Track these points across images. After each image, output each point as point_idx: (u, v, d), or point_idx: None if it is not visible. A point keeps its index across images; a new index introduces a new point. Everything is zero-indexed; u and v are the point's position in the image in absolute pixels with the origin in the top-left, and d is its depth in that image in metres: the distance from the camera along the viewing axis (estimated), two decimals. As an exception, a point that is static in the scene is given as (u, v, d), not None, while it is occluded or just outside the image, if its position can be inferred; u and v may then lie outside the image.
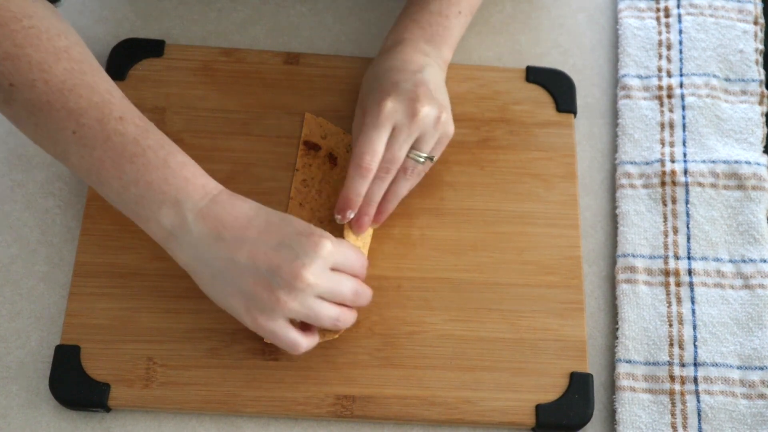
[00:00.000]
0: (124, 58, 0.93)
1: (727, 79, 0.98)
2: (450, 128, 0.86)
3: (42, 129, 0.75)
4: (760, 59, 0.99)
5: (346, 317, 0.79)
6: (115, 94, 0.77)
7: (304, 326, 0.79)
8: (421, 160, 0.84)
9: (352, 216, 0.84)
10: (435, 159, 0.86)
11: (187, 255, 0.76)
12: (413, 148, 0.84)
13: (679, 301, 0.88)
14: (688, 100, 0.96)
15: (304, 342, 0.77)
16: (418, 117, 0.82)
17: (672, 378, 0.85)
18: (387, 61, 0.86)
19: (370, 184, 0.83)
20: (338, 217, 0.84)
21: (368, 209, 0.85)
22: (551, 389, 0.83)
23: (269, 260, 0.74)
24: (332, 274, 0.76)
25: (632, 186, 0.93)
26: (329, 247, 0.75)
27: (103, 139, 0.74)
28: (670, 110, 0.96)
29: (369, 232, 0.87)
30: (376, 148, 0.82)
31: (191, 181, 0.75)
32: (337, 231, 0.86)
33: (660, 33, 1.00)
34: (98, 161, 0.75)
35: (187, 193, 0.75)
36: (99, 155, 0.74)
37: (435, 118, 0.83)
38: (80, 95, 0.74)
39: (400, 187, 0.86)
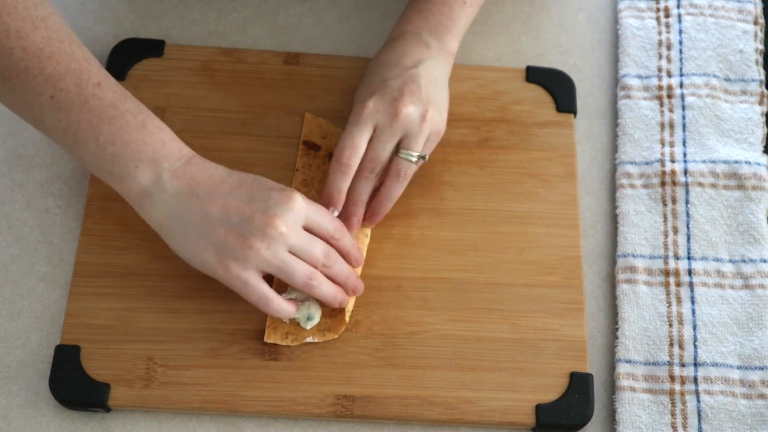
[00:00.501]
0: (124, 58, 0.93)
1: (727, 79, 0.98)
2: (438, 124, 0.85)
3: (18, 95, 0.76)
4: (760, 59, 0.99)
5: (321, 281, 0.79)
6: (93, 62, 0.78)
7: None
8: (414, 159, 0.84)
9: (335, 213, 0.83)
10: (427, 158, 0.85)
11: (160, 213, 0.78)
12: (403, 147, 0.84)
13: (679, 301, 0.88)
14: (688, 100, 0.96)
15: (276, 299, 0.78)
16: (400, 116, 0.82)
17: (672, 378, 0.85)
18: (385, 55, 0.86)
19: (355, 183, 0.83)
20: None
21: (355, 209, 0.84)
22: (551, 389, 0.83)
23: (241, 211, 0.76)
24: (304, 232, 0.78)
25: (632, 186, 0.93)
26: (300, 202, 0.78)
27: (81, 103, 0.76)
28: (670, 110, 0.96)
29: (366, 233, 0.87)
30: (355, 144, 0.82)
31: (167, 143, 0.78)
32: (337, 231, 0.86)
33: (660, 33, 1.00)
34: (75, 124, 0.76)
35: (164, 154, 0.77)
36: (76, 118, 0.76)
37: (419, 116, 0.83)
38: (58, 62, 0.75)
39: (393, 189, 0.85)
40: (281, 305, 0.79)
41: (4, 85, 0.76)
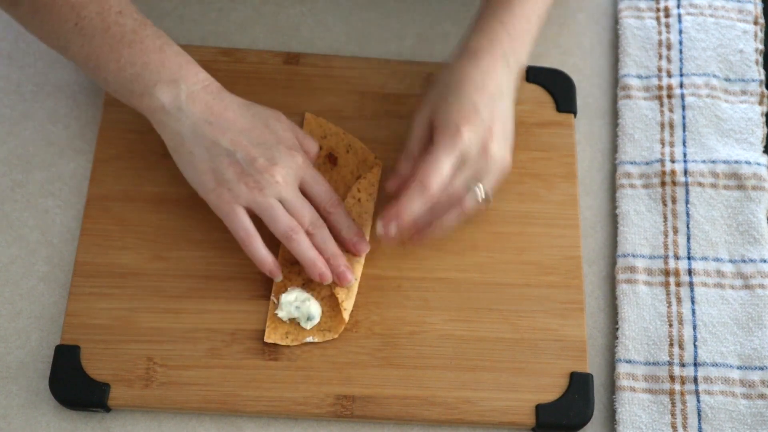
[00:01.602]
0: (124, 58, 0.93)
1: (727, 79, 0.98)
2: (508, 168, 0.84)
3: (46, 25, 0.82)
4: (760, 59, 0.99)
5: (302, 240, 0.81)
6: None
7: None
8: (482, 195, 0.82)
9: (393, 231, 0.80)
10: (492, 201, 0.83)
11: (173, 130, 0.82)
12: (478, 182, 0.82)
13: (679, 301, 0.88)
14: (688, 100, 0.96)
15: (257, 240, 0.81)
16: (488, 157, 0.81)
17: (672, 378, 0.85)
18: (471, 69, 0.83)
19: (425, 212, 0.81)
20: (380, 223, 0.80)
21: (435, 232, 0.83)
22: (551, 389, 0.83)
23: (247, 151, 0.81)
24: (299, 192, 0.82)
25: (632, 186, 0.93)
26: (301, 163, 0.82)
27: (103, 29, 0.80)
28: (670, 110, 0.96)
29: (353, 292, 0.85)
30: (444, 172, 0.79)
31: (184, 66, 0.82)
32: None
33: (660, 33, 1.00)
34: (97, 48, 0.81)
35: (181, 75, 0.81)
36: (98, 42, 0.81)
37: (501, 158, 0.82)
38: None
39: (450, 220, 0.83)
40: (260, 249, 0.82)
41: (33, 16, 0.82)
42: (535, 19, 0.87)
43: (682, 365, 0.85)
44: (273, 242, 0.82)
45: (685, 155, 0.94)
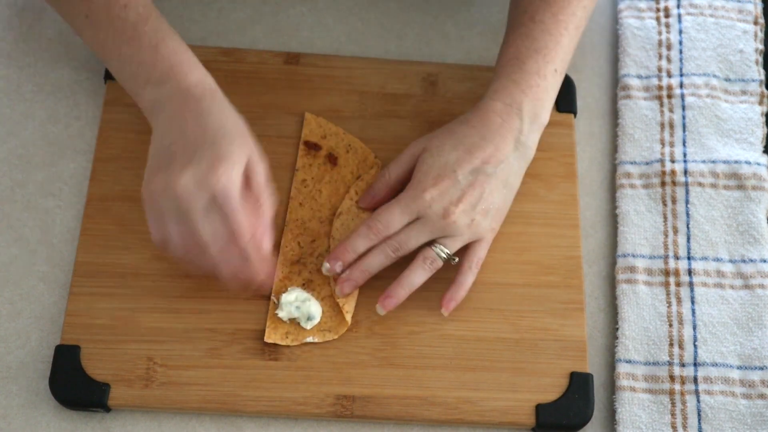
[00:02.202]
0: (124, 58, 0.93)
1: (727, 79, 0.98)
2: (482, 233, 0.84)
3: (64, 11, 0.84)
4: (760, 59, 0.99)
5: (191, 259, 0.77)
6: None
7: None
8: (443, 256, 0.83)
9: (339, 268, 0.83)
10: (456, 260, 0.84)
11: (153, 125, 0.80)
12: (438, 242, 0.83)
13: (679, 301, 0.88)
14: (688, 100, 0.96)
15: (157, 239, 0.78)
16: (448, 221, 0.82)
17: (672, 378, 0.85)
18: (476, 135, 0.84)
19: (371, 253, 0.82)
20: (326, 265, 0.83)
21: (358, 276, 0.83)
22: (551, 389, 0.83)
23: (173, 152, 0.76)
24: (201, 206, 0.75)
25: (632, 186, 0.93)
26: (219, 176, 0.74)
27: (108, 23, 0.81)
28: (670, 110, 0.96)
29: (354, 293, 0.85)
30: (393, 226, 0.82)
31: (176, 68, 0.80)
32: (344, 229, 0.86)
33: (660, 33, 1.00)
34: (103, 41, 0.82)
35: (169, 77, 0.80)
36: (103, 36, 0.81)
37: (465, 224, 0.82)
38: None
39: (414, 276, 0.83)
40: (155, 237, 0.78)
41: (54, 4, 0.84)
42: (550, 75, 0.86)
43: (682, 365, 0.85)
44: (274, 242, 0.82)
45: (685, 155, 0.94)
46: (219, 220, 0.75)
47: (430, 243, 0.83)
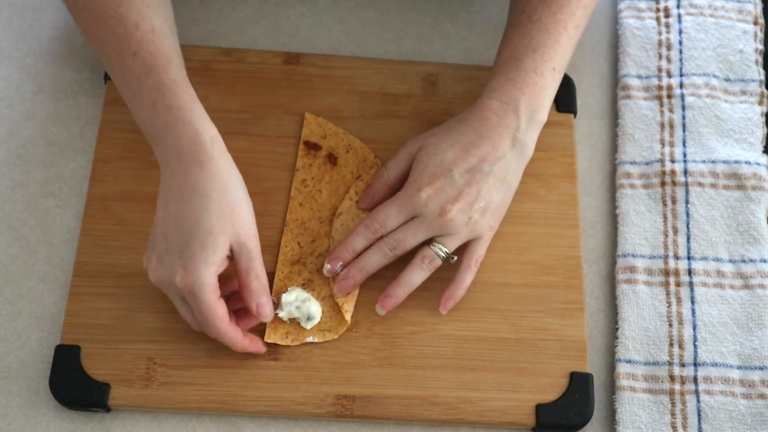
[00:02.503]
0: (124, 58, 0.93)
1: (727, 79, 0.98)
2: (481, 230, 0.83)
3: (91, 50, 0.87)
4: (760, 59, 0.99)
5: (207, 326, 0.78)
6: (142, 27, 0.79)
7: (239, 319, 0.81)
8: (442, 255, 0.83)
9: (340, 268, 0.83)
10: (455, 259, 0.84)
11: (161, 181, 0.80)
12: (436, 241, 0.83)
13: (679, 301, 0.88)
14: (688, 100, 0.96)
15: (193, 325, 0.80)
16: (445, 218, 0.81)
17: (672, 378, 0.85)
18: (472, 133, 0.84)
19: (370, 250, 0.83)
20: (327, 266, 0.84)
21: (356, 273, 0.83)
22: (551, 389, 0.83)
23: (159, 239, 0.77)
24: (179, 300, 0.78)
25: (632, 186, 0.93)
26: (178, 282, 0.76)
27: (119, 72, 0.80)
28: (670, 110, 0.96)
29: (354, 293, 0.85)
30: (388, 225, 0.83)
31: (170, 128, 0.78)
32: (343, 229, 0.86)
33: (660, 33, 1.00)
34: (117, 86, 0.82)
35: (163, 136, 0.78)
36: (118, 84, 0.81)
37: (463, 222, 0.82)
38: (109, 26, 0.79)
39: (413, 275, 0.83)
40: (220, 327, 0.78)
41: (83, 33, 0.84)
42: (548, 73, 0.85)
43: (682, 365, 0.85)
44: (274, 243, 0.82)
45: (685, 155, 0.94)
46: (194, 310, 0.77)
47: (429, 242, 0.83)
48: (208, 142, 0.78)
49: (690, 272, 0.89)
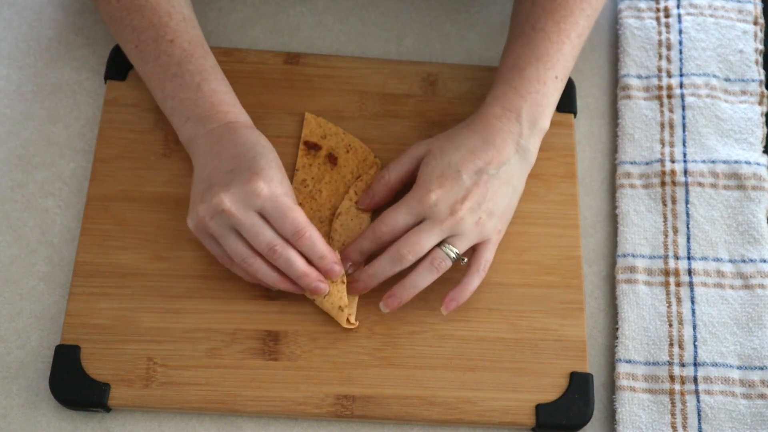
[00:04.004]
0: (125, 59, 0.92)
1: (727, 79, 0.98)
2: (489, 233, 0.83)
3: (117, 38, 0.89)
4: (760, 59, 0.99)
5: (258, 266, 0.79)
6: (175, 16, 0.86)
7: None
8: (453, 256, 0.82)
9: (351, 270, 0.84)
10: (465, 261, 0.83)
11: (193, 160, 0.84)
12: (447, 242, 0.82)
13: (679, 301, 0.88)
14: (688, 100, 0.96)
15: (222, 257, 0.82)
16: (455, 218, 0.81)
17: (672, 378, 0.85)
18: (477, 138, 0.84)
19: (381, 257, 0.82)
20: (336, 268, 0.82)
21: (368, 280, 0.83)
22: (551, 389, 0.83)
23: (213, 180, 0.80)
24: (256, 217, 0.79)
25: (632, 186, 0.93)
26: (258, 192, 0.78)
27: (155, 57, 0.85)
28: (670, 110, 0.96)
29: (354, 298, 0.85)
30: (398, 228, 0.82)
31: (216, 106, 0.84)
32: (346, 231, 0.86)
33: (660, 33, 1.00)
34: (149, 74, 0.86)
35: (210, 115, 0.84)
36: (150, 69, 0.86)
37: (473, 223, 0.82)
38: (143, 15, 0.85)
39: (421, 277, 0.82)
40: (232, 266, 0.82)
41: (109, 27, 0.88)
42: (550, 81, 0.86)
43: (682, 365, 0.85)
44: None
45: (685, 155, 0.94)
46: (276, 225, 0.79)
47: (439, 244, 0.83)
48: (249, 122, 0.85)
49: (690, 272, 0.89)
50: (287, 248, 0.79)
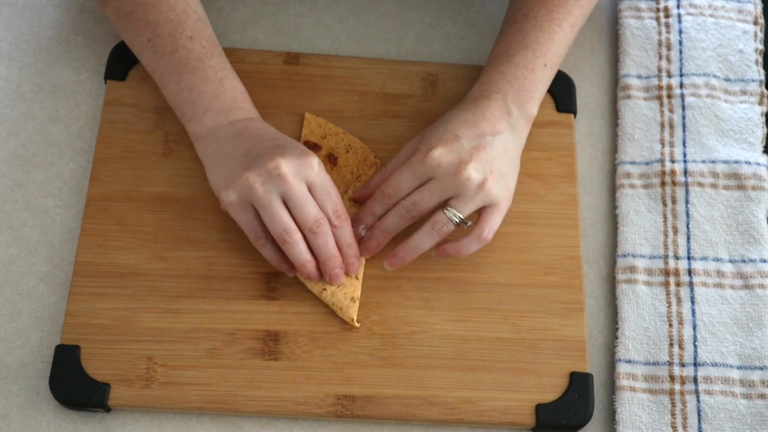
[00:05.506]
0: (125, 58, 0.93)
1: (727, 79, 0.98)
2: (496, 197, 0.82)
3: (127, 32, 0.88)
4: (760, 59, 0.99)
5: (297, 242, 0.80)
6: (192, 15, 0.87)
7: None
8: (456, 219, 0.82)
9: (363, 232, 0.85)
10: (469, 224, 0.83)
11: (210, 148, 0.84)
12: (450, 205, 0.82)
13: (679, 301, 0.88)
14: (688, 100, 0.96)
15: (261, 238, 0.82)
16: (460, 177, 0.81)
17: (672, 378, 0.85)
18: (466, 113, 0.85)
19: (389, 213, 0.83)
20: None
21: (378, 235, 0.84)
22: (551, 389, 0.83)
23: (260, 151, 0.81)
24: (304, 186, 0.80)
25: (632, 186, 0.93)
26: (315, 166, 0.81)
27: (171, 51, 0.85)
28: (670, 110, 0.96)
29: (356, 300, 0.85)
30: (402, 187, 0.83)
31: (238, 101, 0.86)
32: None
33: (660, 33, 1.00)
34: (163, 66, 0.86)
35: (233, 108, 0.85)
36: (165, 62, 0.86)
37: (477, 183, 0.81)
38: (159, 10, 0.86)
39: (423, 239, 0.83)
40: (265, 245, 0.82)
41: (116, 22, 0.88)
42: (539, 69, 0.87)
43: (682, 365, 0.85)
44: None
45: (685, 155, 0.94)
46: (320, 201, 0.81)
47: (443, 207, 0.83)
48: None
49: (690, 272, 0.89)
50: (328, 226, 0.81)
